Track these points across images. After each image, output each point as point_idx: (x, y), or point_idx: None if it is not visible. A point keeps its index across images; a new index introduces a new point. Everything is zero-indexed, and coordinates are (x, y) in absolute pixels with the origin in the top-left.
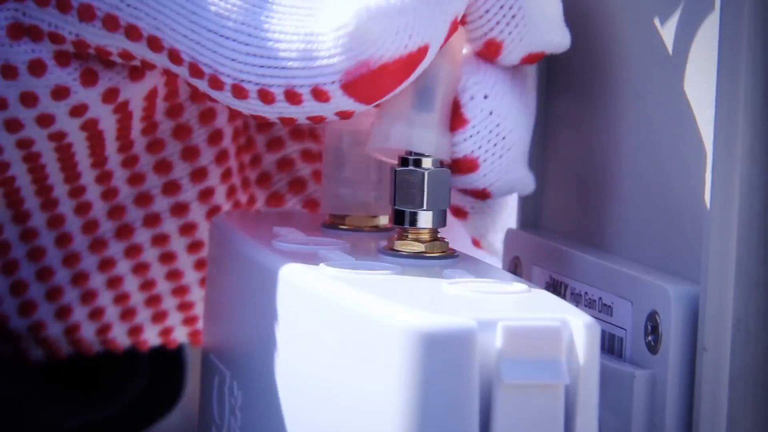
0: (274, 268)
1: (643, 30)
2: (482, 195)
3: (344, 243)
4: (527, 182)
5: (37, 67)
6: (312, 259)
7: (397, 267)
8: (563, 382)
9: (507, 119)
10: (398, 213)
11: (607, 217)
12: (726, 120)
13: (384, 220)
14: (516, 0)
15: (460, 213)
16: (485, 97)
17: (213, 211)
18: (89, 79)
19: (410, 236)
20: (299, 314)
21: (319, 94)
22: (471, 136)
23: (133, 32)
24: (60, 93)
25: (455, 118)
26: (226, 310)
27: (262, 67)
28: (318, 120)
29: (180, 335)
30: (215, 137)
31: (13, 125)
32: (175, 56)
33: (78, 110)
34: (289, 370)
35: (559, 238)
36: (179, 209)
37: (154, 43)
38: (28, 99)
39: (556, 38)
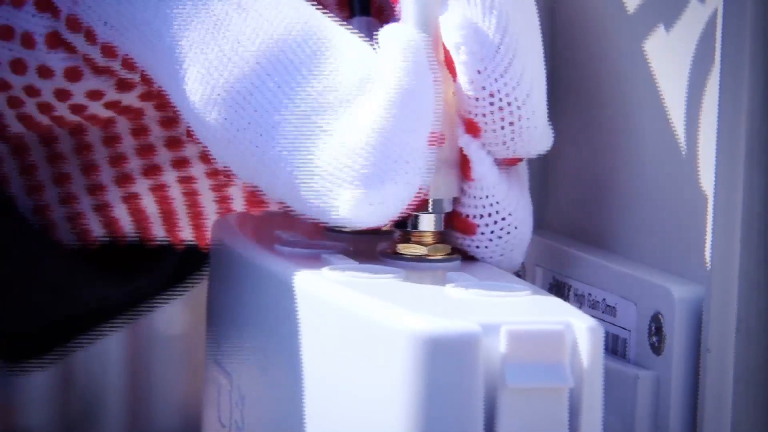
0: (276, 272)
1: (645, 32)
2: (471, 257)
3: (347, 246)
4: (516, 267)
5: (73, 74)
6: (315, 262)
7: (400, 270)
8: (567, 386)
9: (506, 200)
10: None
11: (611, 219)
12: (728, 122)
13: None
14: (510, 106)
15: (466, 227)
16: (491, 165)
17: None
18: (125, 87)
19: (413, 239)
20: (302, 318)
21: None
22: (473, 197)
23: (145, 79)
24: (95, 95)
25: (465, 168)
26: (229, 313)
27: (253, 172)
28: None
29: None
30: None
31: (45, 108)
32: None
33: (112, 104)
34: (293, 373)
35: (563, 239)
36: (208, 156)
37: (165, 95)
38: (62, 94)
39: (541, 146)
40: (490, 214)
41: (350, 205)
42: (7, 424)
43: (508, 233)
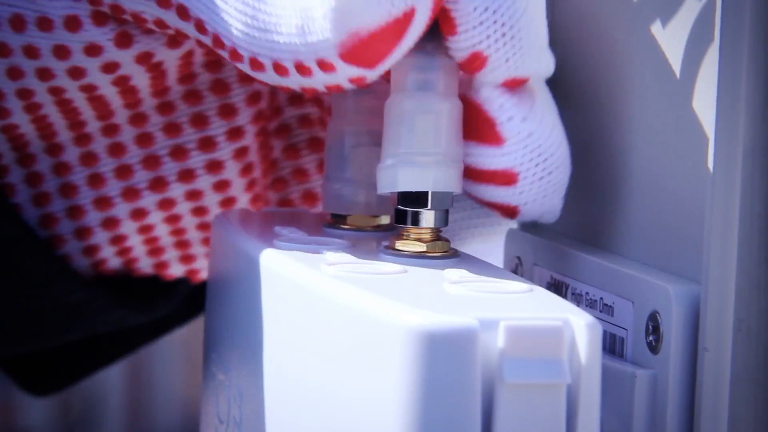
0: (275, 268)
1: (644, 32)
2: (510, 212)
3: (346, 243)
4: (555, 213)
5: (72, 23)
6: (314, 258)
7: (399, 266)
8: (565, 382)
9: (548, 141)
10: (400, 212)
11: (609, 217)
12: (727, 120)
13: (386, 220)
14: (511, 19)
15: (508, 179)
16: (524, 119)
17: (247, 169)
18: (124, 41)
19: (412, 236)
20: (301, 314)
21: (324, 66)
22: (509, 153)
23: (163, 1)
24: (93, 50)
25: (490, 136)
26: (227, 309)
27: (270, 41)
28: (334, 88)
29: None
30: (254, 98)
31: (46, 74)
32: (200, 26)
33: (110, 67)
34: (291, 369)
35: (561, 238)
36: (214, 166)
37: (183, 12)
38: (61, 52)
39: (542, 64)
40: (531, 159)
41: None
42: (7, 424)
43: (550, 173)
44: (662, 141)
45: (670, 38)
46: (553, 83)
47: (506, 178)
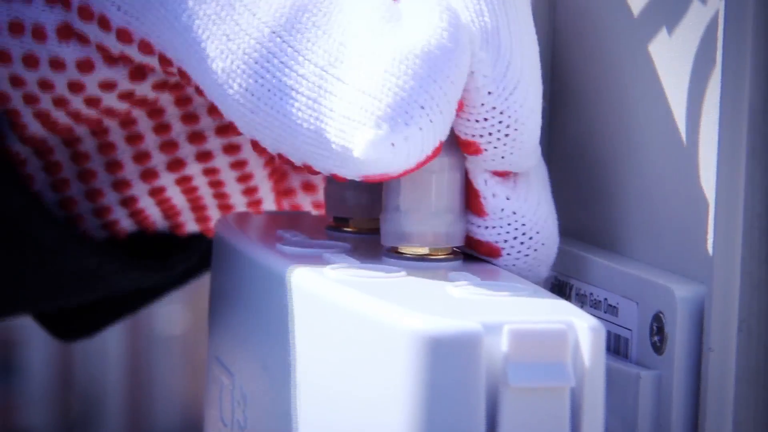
0: (278, 271)
1: (647, 31)
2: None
3: (348, 245)
4: (539, 282)
5: (85, 65)
6: (316, 261)
7: (402, 269)
8: (569, 385)
9: (533, 218)
10: None
11: (612, 218)
12: (729, 121)
13: None
14: (516, 122)
15: (491, 251)
16: (507, 198)
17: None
18: (138, 76)
19: None
20: (304, 317)
21: (336, 176)
22: (492, 227)
23: (163, 61)
24: (108, 86)
25: (475, 205)
26: (231, 313)
27: (277, 137)
28: None
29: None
30: None
31: (60, 102)
32: (199, 90)
33: (126, 95)
34: (295, 373)
35: (564, 239)
36: (232, 149)
37: (186, 79)
38: (76, 87)
39: (533, 161)
40: (515, 237)
41: (370, 145)
42: (7, 424)
43: (536, 250)
44: (665, 141)
45: (673, 38)
46: (555, 83)
47: (490, 251)
